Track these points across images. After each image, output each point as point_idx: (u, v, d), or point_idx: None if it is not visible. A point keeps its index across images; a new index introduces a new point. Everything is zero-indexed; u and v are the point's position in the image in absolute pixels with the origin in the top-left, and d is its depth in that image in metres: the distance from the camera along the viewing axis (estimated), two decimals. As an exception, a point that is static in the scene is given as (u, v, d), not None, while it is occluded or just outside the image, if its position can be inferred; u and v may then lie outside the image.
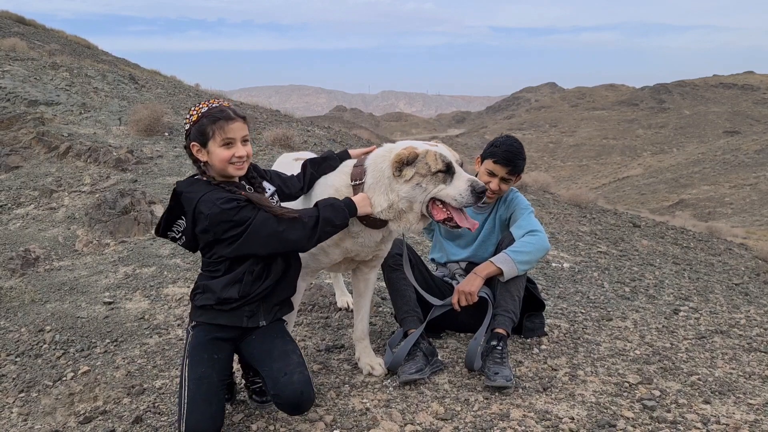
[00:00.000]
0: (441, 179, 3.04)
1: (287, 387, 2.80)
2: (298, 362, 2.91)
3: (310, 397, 2.85)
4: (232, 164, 2.87)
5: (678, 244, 10.04)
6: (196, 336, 2.96)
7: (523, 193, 12.35)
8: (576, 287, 5.78)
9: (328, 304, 4.74)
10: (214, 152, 2.85)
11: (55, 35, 24.14)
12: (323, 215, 2.93)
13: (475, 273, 3.69)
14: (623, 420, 3.01)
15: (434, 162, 3.04)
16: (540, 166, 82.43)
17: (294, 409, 2.86)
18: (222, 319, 2.95)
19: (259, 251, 2.88)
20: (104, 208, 7.16)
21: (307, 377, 2.87)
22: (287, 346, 2.99)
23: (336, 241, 3.25)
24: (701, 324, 4.78)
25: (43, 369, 4.09)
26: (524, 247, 3.68)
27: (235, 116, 2.86)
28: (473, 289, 3.63)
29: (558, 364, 3.67)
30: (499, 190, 3.86)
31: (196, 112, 2.89)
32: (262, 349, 2.98)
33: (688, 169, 61.94)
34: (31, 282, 5.86)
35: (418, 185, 3.04)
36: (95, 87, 13.38)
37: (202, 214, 2.79)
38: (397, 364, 3.47)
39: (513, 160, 3.79)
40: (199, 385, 2.77)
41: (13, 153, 9.63)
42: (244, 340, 3.03)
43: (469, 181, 3.04)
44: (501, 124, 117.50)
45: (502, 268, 3.62)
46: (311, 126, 16.00)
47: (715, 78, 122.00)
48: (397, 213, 3.12)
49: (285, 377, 2.82)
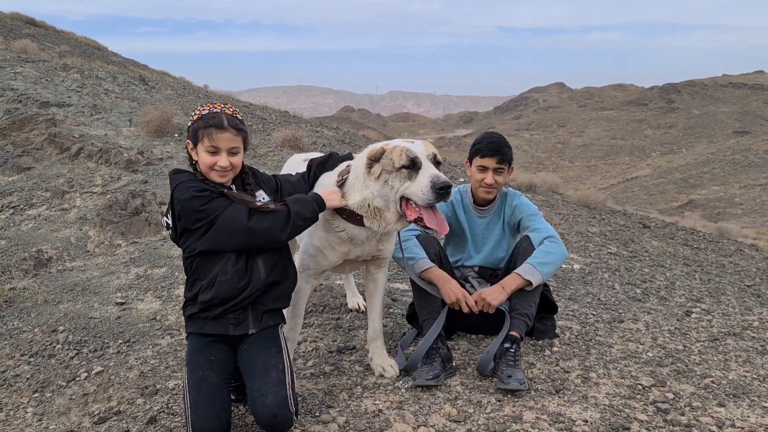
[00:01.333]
0: (406, 175, 2.98)
1: (262, 409, 2.75)
2: (276, 380, 2.83)
3: (285, 417, 2.77)
4: (214, 171, 2.92)
5: (688, 245, 10.00)
6: (192, 344, 2.98)
7: (532, 193, 12.34)
8: (587, 289, 5.76)
9: (339, 305, 4.74)
10: (200, 155, 2.93)
11: (66, 37, 24.28)
12: (293, 209, 2.96)
13: (503, 287, 3.62)
14: (637, 423, 3.00)
15: (398, 158, 3.00)
16: (548, 166, 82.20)
17: (271, 430, 2.81)
18: (208, 327, 2.95)
19: (229, 244, 2.87)
20: (115, 209, 7.20)
21: (282, 398, 2.78)
22: (270, 360, 2.91)
23: (331, 243, 3.29)
24: (714, 326, 4.75)
25: (57, 369, 4.12)
26: (547, 257, 3.67)
27: (226, 126, 2.89)
28: (495, 303, 3.58)
29: (570, 366, 3.66)
30: (495, 183, 3.87)
31: (198, 113, 2.96)
32: (248, 362, 2.94)
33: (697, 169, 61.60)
34: (43, 282, 5.90)
35: (386, 182, 3.03)
36: (106, 88, 13.46)
37: (176, 199, 2.86)
38: (414, 365, 3.47)
39: (498, 149, 3.81)
40: (200, 388, 2.79)
41: (26, 154, 9.71)
42: (238, 347, 3.02)
43: (430, 176, 2.93)
44: (509, 125, 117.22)
45: (531, 281, 3.61)
46: (320, 127, 16.02)
47: (725, 77, 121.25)
48: (373, 210, 3.12)
49: (260, 399, 2.77)
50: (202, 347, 2.93)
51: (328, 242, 3.29)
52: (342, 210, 3.18)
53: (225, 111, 2.96)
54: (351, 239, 3.27)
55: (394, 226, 3.15)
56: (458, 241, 4.20)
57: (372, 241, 3.33)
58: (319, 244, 3.31)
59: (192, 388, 2.79)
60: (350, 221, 3.20)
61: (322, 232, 3.30)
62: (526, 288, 3.64)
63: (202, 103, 14.59)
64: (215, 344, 2.95)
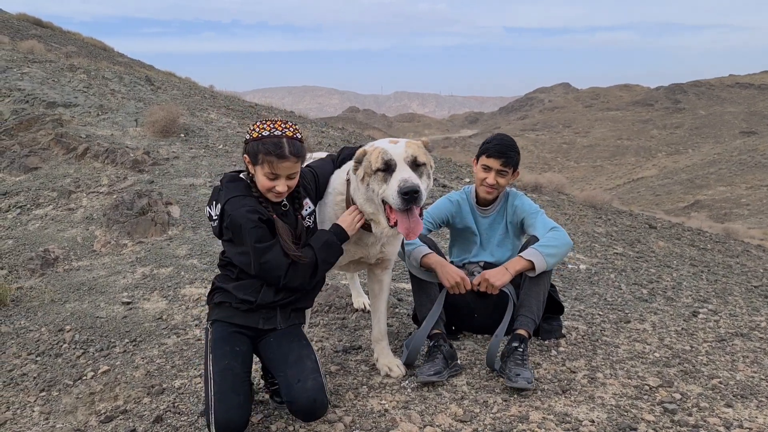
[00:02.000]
0: (381, 178, 2.96)
1: (301, 394, 2.82)
2: (312, 368, 2.92)
3: (323, 403, 2.87)
4: (271, 192, 2.96)
5: (695, 245, 9.95)
6: (217, 330, 3.02)
7: (538, 194, 12.31)
8: (593, 289, 5.74)
9: (344, 304, 4.74)
10: (258, 177, 2.95)
11: (72, 37, 24.37)
12: (320, 257, 3.04)
13: (506, 268, 3.64)
14: (644, 423, 2.99)
15: (375, 160, 2.97)
16: (553, 167, 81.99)
17: (308, 415, 2.89)
18: (238, 318, 3.02)
19: (257, 276, 2.98)
20: (122, 208, 7.22)
21: (320, 384, 2.88)
22: (303, 351, 3.01)
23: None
24: (721, 327, 4.73)
25: (64, 368, 4.14)
26: (550, 241, 3.68)
27: (288, 155, 2.89)
28: (499, 283, 3.59)
29: (576, 366, 3.65)
30: (497, 184, 3.87)
31: (258, 131, 2.92)
32: (278, 352, 3.01)
33: (703, 169, 61.32)
34: (50, 282, 5.92)
35: (368, 186, 3.02)
36: (112, 89, 13.50)
37: (226, 213, 2.90)
38: (414, 355, 3.51)
39: (505, 152, 3.81)
40: (225, 377, 2.81)
41: (32, 154, 9.74)
42: (262, 340, 3.08)
43: (399, 180, 2.86)
44: (514, 125, 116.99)
45: (532, 260, 3.59)
46: (325, 127, 16.04)
47: (732, 78, 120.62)
48: (369, 215, 3.13)
49: (299, 384, 2.84)
50: (227, 336, 2.97)
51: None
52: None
53: (286, 134, 2.93)
54: (357, 240, 3.29)
55: (390, 231, 3.12)
56: (464, 240, 4.20)
57: (377, 245, 3.36)
58: None
59: (216, 376, 2.82)
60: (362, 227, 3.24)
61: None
62: (530, 273, 3.63)
63: (209, 104, 14.66)
64: (239, 335, 3.01)
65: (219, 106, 14.88)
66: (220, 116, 13.64)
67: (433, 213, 4.12)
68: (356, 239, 3.28)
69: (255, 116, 14.68)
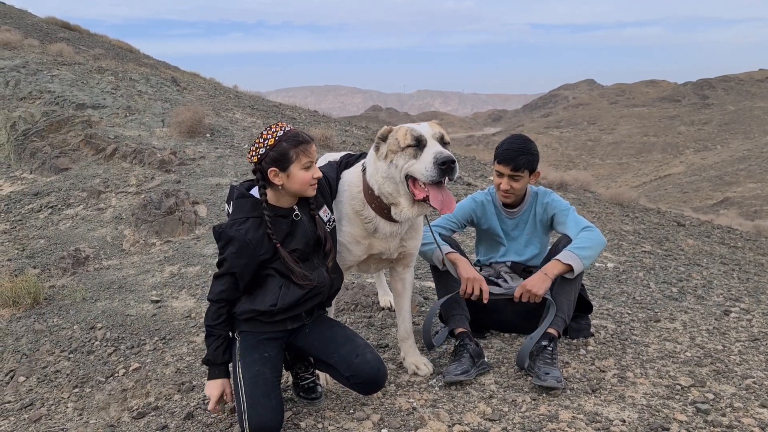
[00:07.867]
0: (411, 154, 2.97)
1: (363, 366, 2.95)
2: (364, 344, 3.07)
3: (385, 373, 3.05)
4: (311, 186, 2.96)
5: (725, 243, 9.77)
6: (245, 339, 3.02)
7: (564, 191, 12.19)
8: (621, 287, 5.67)
9: (371, 303, 4.75)
10: (296, 174, 2.89)
11: (99, 40, 24.76)
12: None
13: (545, 273, 3.58)
14: (676, 423, 2.95)
15: (403, 137, 3.00)
16: (578, 164, 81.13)
17: (372, 386, 3.02)
18: (266, 328, 3.02)
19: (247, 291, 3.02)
20: (150, 208, 7.32)
21: (378, 355, 3.05)
22: (347, 331, 3.14)
23: (355, 237, 3.28)
24: (754, 326, 4.64)
25: (96, 365, 4.21)
26: (584, 242, 3.64)
27: (310, 140, 2.94)
28: (540, 291, 3.53)
29: (606, 365, 3.61)
30: (511, 189, 3.81)
31: (272, 137, 2.89)
32: (323, 337, 3.08)
33: (733, 166, 60.14)
34: (81, 280, 6.03)
35: (391, 162, 3.02)
36: (139, 90, 13.69)
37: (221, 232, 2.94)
38: (428, 342, 3.67)
39: (513, 158, 3.73)
40: (255, 383, 2.85)
41: (63, 155, 9.93)
42: (297, 335, 3.10)
43: (434, 153, 2.90)
44: (538, 123, 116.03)
45: (571, 264, 3.56)
46: (349, 126, 16.08)
47: (761, 72, 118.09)
48: (388, 196, 3.11)
49: (358, 358, 2.97)
50: (256, 344, 2.99)
51: (352, 237, 3.28)
52: (372, 199, 3.18)
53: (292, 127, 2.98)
54: (375, 231, 3.25)
55: (408, 212, 3.10)
56: (490, 240, 4.16)
57: (396, 238, 3.31)
58: (342, 239, 3.30)
59: (247, 382, 2.86)
60: (378, 213, 3.20)
61: (346, 227, 3.29)
62: (567, 275, 3.60)
63: (234, 104, 14.78)
64: (268, 341, 3.02)
65: (244, 106, 15.01)
66: (245, 116, 13.76)
67: (457, 213, 4.08)
68: (374, 229, 3.25)
69: (279, 116, 14.77)
